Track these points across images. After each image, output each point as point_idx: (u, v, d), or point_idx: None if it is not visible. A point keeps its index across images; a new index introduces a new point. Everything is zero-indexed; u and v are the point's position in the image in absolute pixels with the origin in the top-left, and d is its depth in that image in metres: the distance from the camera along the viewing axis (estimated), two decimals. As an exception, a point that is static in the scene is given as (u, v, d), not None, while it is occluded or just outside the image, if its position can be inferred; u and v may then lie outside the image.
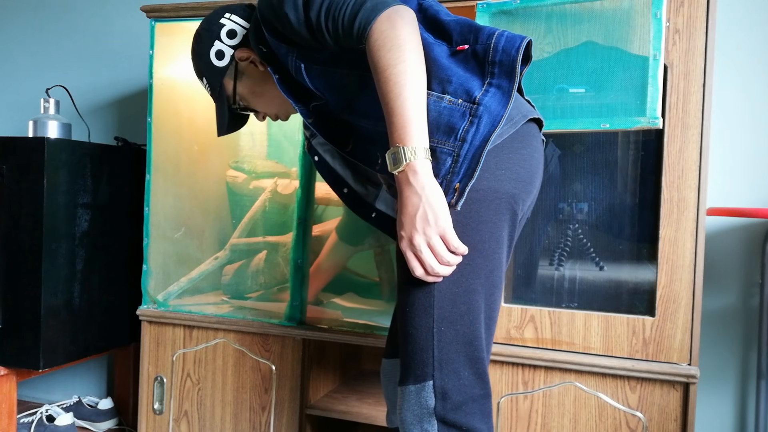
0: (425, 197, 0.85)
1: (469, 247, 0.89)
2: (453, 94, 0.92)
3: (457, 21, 0.99)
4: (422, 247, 0.86)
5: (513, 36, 0.95)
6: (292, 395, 1.60)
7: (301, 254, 1.59)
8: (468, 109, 0.91)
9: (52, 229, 1.71)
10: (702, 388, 1.72)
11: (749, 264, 1.70)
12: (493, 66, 0.94)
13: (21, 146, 1.70)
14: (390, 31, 0.89)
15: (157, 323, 1.72)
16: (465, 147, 0.90)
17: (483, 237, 0.91)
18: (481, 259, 0.91)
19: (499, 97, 0.92)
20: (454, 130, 0.91)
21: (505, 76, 0.93)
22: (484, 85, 0.93)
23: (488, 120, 0.90)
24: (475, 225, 0.90)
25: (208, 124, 1.93)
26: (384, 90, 0.88)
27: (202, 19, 1.68)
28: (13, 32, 2.45)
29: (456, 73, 0.94)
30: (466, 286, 0.90)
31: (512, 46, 0.94)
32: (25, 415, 2.01)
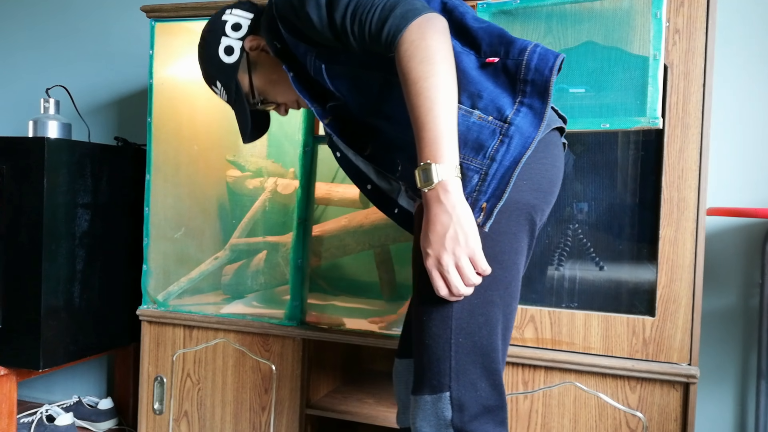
0: (456, 217, 0.83)
1: (488, 258, 0.87)
2: (483, 110, 0.90)
3: (486, 30, 0.96)
4: (450, 268, 0.84)
5: (546, 53, 0.92)
6: (292, 395, 1.60)
7: (301, 254, 1.58)
8: (498, 127, 0.89)
9: (52, 229, 1.71)
10: (702, 388, 1.72)
11: (749, 264, 1.70)
12: (524, 84, 0.91)
13: (21, 146, 1.70)
14: (421, 42, 0.85)
15: (157, 323, 1.72)
16: (494, 166, 0.88)
17: (503, 248, 0.90)
18: (501, 271, 0.90)
19: (531, 117, 0.90)
20: (483, 148, 0.89)
21: (537, 95, 0.90)
22: (516, 103, 0.91)
23: (519, 141, 0.88)
24: (495, 236, 0.89)
25: (208, 124, 1.93)
26: (415, 103, 0.85)
27: (202, 19, 1.69)
28: (13, 32, 2.45)
29: (486, 87, 0.91)
30: (484, 298, 0.89)
31: (545, 65, 0.91)
32: (25, 415, 2.01)
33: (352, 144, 1.07)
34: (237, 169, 1.94)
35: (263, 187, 1.86)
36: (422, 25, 0.87)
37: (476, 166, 0.88)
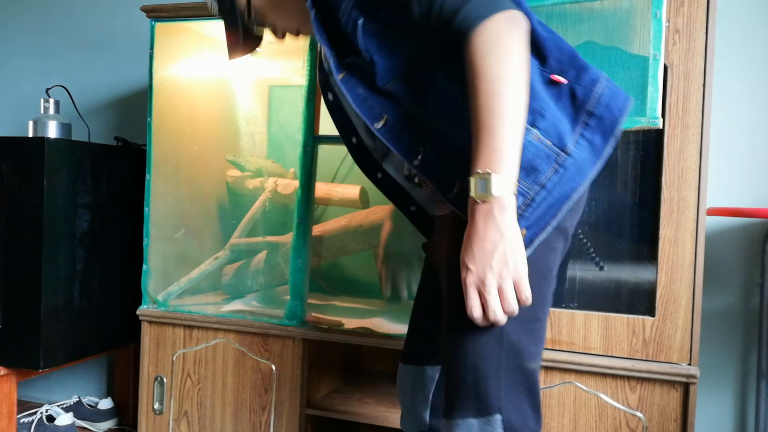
0: (507, 237, 0.77)
1: (536, 272, 0.82)
2: (543, 132, 0.83)
3: (555, 43, 0.90)
4: (492, 289, 0.78)
5: (617, 91, 0.87)
6: (292, 395, 1.60)
7: (301, 254, 1.58)
8: (555, 155, 0.83)
9: (52, 229, 1.71)
10: (702, 388, 1.72)
11: (749, 264, 1.70)
12: (590, 117, 0.85)
13: (21, 146, 1.70)
14: (507, 37, 0.78)
15: (157, 323, 1.72)
16: (542, 194, 0.82)
17: (549, 264, 0.87)
18: (547, 287, 0.87)
19: (589, 153, 0.85)
20: (534, 171, 0.83)
21: (600, 132, 0.85)
22: (576, 134, 0.85)
23: (574, 176, 0.83)
24: (544, 251, 0.86)
25: (208, 124, 1.93)
26: (485, 103, 0.77)
27: (202, 20, 1.69)
28: (13, 32, 2.45)
29: (549, 108, 0.85)
30: (534, 314, 0.84)
31: (616, 104, 0.86)
32: (25, 415, 2.01)
33: (363, 109, 0.93)
34: (237, 169, 1.94)
35: (263, 187, 1.86)
36: (509, 19, 0.79)
37: (523, 188, 0.82)
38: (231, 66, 1.96)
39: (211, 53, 1.91)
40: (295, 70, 1.94)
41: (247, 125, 1.96)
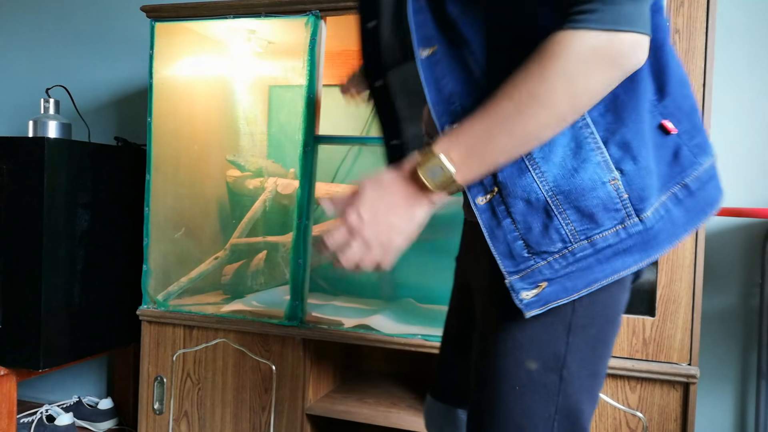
0: (411, 222, 0.72)
1: (604, 317, 0.73)
2: (627, 180, 0.68)
3: (680, 80, 0.74)
4: (360, 244, 0.73)
5: (716, 176, 0.75)
6: (292, 395, 1.60)
7: (301, 254, 1.58)
8: (626, 215, 0.68)
9: (52, 229, 1.71)
10: (702, 388, 1.72)
11: (749, 264, 1.70)
12: (683, 188, 0.71)
13: (21, 146, 1.70)
14: (601, 61, 0.62)
15: (157, 323, 1.72)
16: (586, 251, 0.69)
17: (619, 308, 0.76)
18: (613, 336, 0.76)
19: (664, 229, 0.70)
20: (591, 221, 0.68)
21: (685, 211, 0.71)
22: (659, 201, 0.70)
23: (634, 249, 0.69)
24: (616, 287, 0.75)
25: (208, 124, 1.93)
26: (500, 101, 0.65)
27: (202, 20, 1.69)
28: (13, 32, 2.45)
29: (648, 154, 0.69)
30: (593, 369, 0.73)
31: (713, 191, 0.74)
32: (25, 415, 2.01)
33: (416, 21, 0.74)
34: (237, 169, 1.94)
35: (263, 187, 1.86)
36: (626, 44, 0.62)
37: (567, 232, 0.69)
38: (231, 66, 1.96)
39: (211, 53, 1.91)
40: (295, 70, 1.94)
41: (247, 125, 1.96)
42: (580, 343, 0.71)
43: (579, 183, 0.68)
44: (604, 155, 0.68)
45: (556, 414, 0.71)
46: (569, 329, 0.71)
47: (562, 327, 0.71)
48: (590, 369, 0.73)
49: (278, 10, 1.59)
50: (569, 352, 0.71)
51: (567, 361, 0.71)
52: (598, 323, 0.72)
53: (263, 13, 1.61)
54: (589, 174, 0.68)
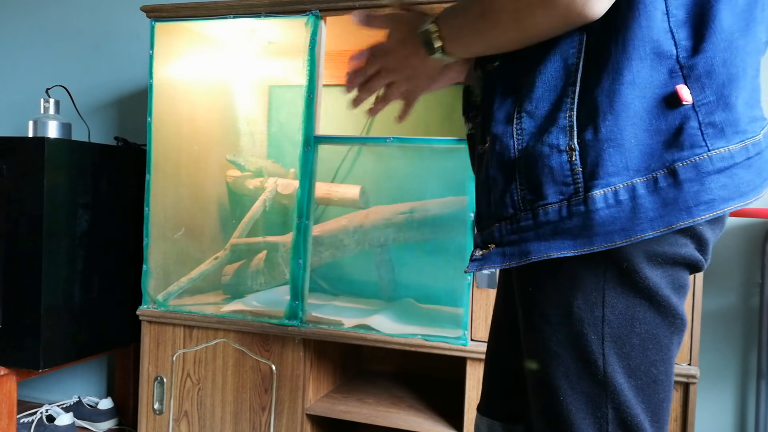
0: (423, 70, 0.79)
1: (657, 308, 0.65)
2: (586, 148, 0.61)
3: (728, 42, 0.60)
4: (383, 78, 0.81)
5: (735, 184, 0.60)
6: (292, 395, 1.60)
7: (301, 254, 1.59)
8: (574, 192, 0.62)
9: (52, 229, 1.71)
10: (702, 388, 1.72)
11: (749, 264, 1.70)
12: (668, 175, 0.59)
13: (21, 146, 1.70)
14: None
15: (157, 323, 1.72)
16: (528, 221, 0.65)
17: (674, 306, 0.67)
18: (667, 337, 0.67)
19: (615, 213, 0.61)
20: (535, 190, 0.64)
21: (658, 200, 0.59)
22: (630, 182, 0.60)
23: (575, 236, 0.63)
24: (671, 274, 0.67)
25: (208, 124, 1.93)
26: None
27: (202, 19, 1.69)
28: (13, 32, 2.45)
29: (614, 125, 0.60)
30: (648, 378, 0.66)
31: (716, 198, 0.59)
32: (25, 415, 2.01)
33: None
34: (237, 169, 1.94)
35: (263, 187, 1.86)
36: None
37: (518, 199, 0.66)
38: (231, 66, 1.96)
39: (211, 53, 1.91)
40: (295, 70, 1.94)
41: (247, 125, 1.96)
42: (622, 354, 0.65)
43: (540, 148, 0.63)
44: (571, 118, 0.62)
45: (609, 426, 0.66)
46: (603, 339, 0.66)
47: (595, 337, 0.66)
48: (644, 378, 0.66)
49: (278, 10, 1.59)
50: (608, 364, 0.65)
51: (608, 374, 0.65)
52: (642, 332, 0.65)
53: (263, 13, 1.61)
54: (551, 138, 0.62)
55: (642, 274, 0.63)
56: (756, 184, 0.60)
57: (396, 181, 1.81)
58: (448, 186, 1.65)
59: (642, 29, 0.60)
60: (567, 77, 0.63)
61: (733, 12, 0.60)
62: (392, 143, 1.55)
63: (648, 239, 0.60)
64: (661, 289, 0.64)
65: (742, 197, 0.59)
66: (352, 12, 1.53)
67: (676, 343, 0.68)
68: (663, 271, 0.63)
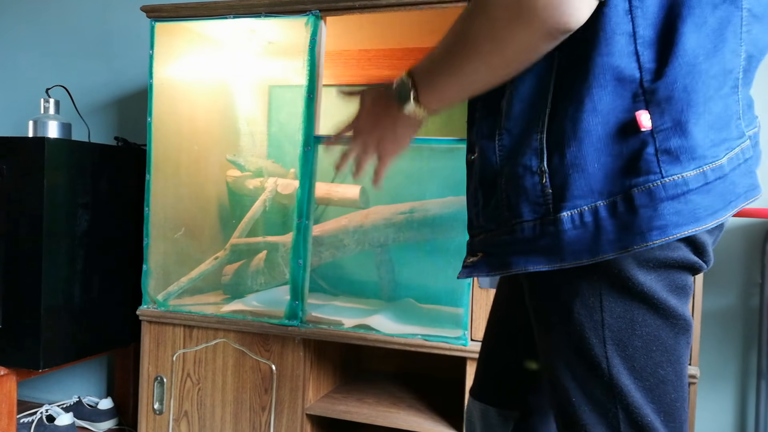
0: (395, 131, 0.80)
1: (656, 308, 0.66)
2: (551, 175, 0.64)
3: (692, 66, 0.60)
4: (359, 147, 0.84)
5: (686, 210, 0.60)
6: (292, 395, 1.60)
7: (301, 254, 1.59)
8: (546, 212, 0.65)
9: (52, 229, 1.71)
10: (702, 388, 1.72)
11: (749, 264, 1.70)
12: (625, 200, 0.61)
13: (21, 146, 1.70)
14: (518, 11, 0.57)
15: (157, 323, 1.72)
16: (505, 236, 0.69)
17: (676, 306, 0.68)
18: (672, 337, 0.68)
19: (579, 235, 0.64)
20: (515, 207, 0.68)
21: (616, 224, 0.62)
22: (593, 205, 0.62)
23: (547, 253, 0.67)
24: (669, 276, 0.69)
25: (208, 124, 1.93)
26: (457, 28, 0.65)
27: (202, 19, 1.69)
28: (13, 32, 2.45)
29: (577, 150, 0.62)
30: (655, 379, 0.67)
31: (670, 223, 0.60)
32: (25, 415, 2.01)
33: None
34: (237, 169, 1.94)
35: (263, 187, 1.86)
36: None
37: (498, 214, 0.69)
38: (231, 66, 1.96)
39: (211, 53, 1.91)
40: (295, 70, 1.94)
41: (247, 125, 1.96)
42: (625, 356, 0.66)
43: (515, 168, 0.66)
44: (542, 141, 0.64)
45: (621, 426, 0.67)
46: (605, 342, 0.66)
47: (597, 341, 0.67)
48: (651, 379, 0.66)
49: (278, 10, 1.59)
50: (612, 366, 0.66)
51: (614, 375, 0.66)
52: (643, 334, 0.66)
53: (263, 13, 1.61)
54: (525, 160, 0.65)
55: (635, 279, 0.64)
56: (716, 208, 0.61)
57: (396, 181, 1.81)
58: (448, 186, 1.65)
59: (602, 57, 0.60)
60: (540, 98, 0.65)
61: (699, 34, 0.60)
62: (392, 143, 1.54)
63: None
64: (656, 293, 0.65)
65: (696, 222, 0.60)
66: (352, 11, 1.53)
67: (683, 344, 0.68)
68: (657, 275, 0.64)
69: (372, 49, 1.88)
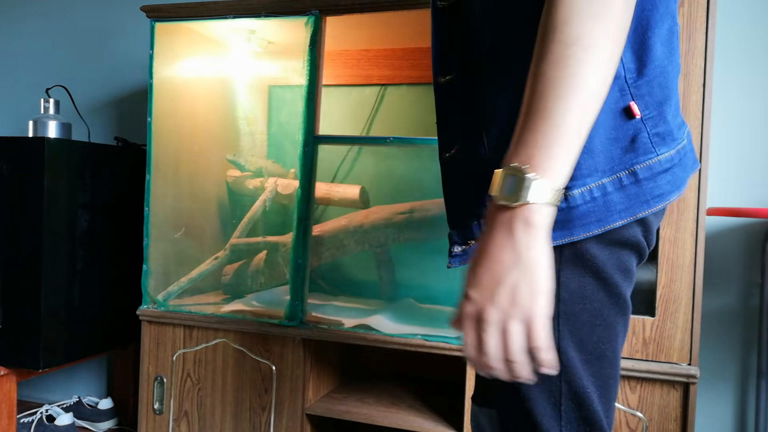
0: (526, 264, 0.58)
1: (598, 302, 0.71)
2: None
3: (667, 54, 0.72)
4: (491, 329, 0.59)
5: (676, 180, 0.72)
6: (292, 395, 1.60)
7: (301, 254, 1.59)
8: None
9: (52, 229, 1.71)
10: (702, 388, 1.72)
11: (749, 264, 1.70)
12: (630, 175, 0.69)
13: (21, 146, 1.70)
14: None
15: (157, 323, 1.72)
16: None
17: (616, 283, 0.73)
18: (613, 316, 0.73)
19: (591, 208, 0.69)
20: None
21: (623, 195, 0.69)
22: (600, 182, 0.69)
23: (557, 228, 0.69)
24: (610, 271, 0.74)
25: (208, 124, 1.93)
26: (548, 72, 0.58)
27: (202, 20, 1.69)
28: (13, 32, 2.45)
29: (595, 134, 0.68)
30: (597, 352, 0.72)
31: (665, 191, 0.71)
32: (25, 415, 2.01)
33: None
34: (237, 169, 1.94)
35: (263, 187, 1.86)
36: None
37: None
38: (231, 66, 1.96)
39: (211, 53, 1.91)
40: (295, 70, 1.94)
41: (247, 125, 1.96)
42: (573, 329, 0.71)
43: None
44: None
45: (562, 398, 0.71)
46: (558, 316, 0.70)
47: (551, 315, 0.67)
48: (593, 353, 0.71)
49: (278, 10, 1.59)
50: (562, 339, 0.70)
51: (562, 348, 0.70)
52: (591, 309, 0.71)
53: (263, 13, 1.61)
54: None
55: (592, 253, 0.70)
56: (685, 177, 0.74)
57: (396, 181, 1.81)
58: (448, 186, 1.65)
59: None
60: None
61: (661, 42, 0.71)
62: (392, 143, 1.55)
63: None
64: (608, 269, 0.71)
65: (678, 189, 0.72)
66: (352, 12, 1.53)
67: (621, 325, 0.74)
68: (611, 252, 0.71)
69: (372, 49, 1.88)
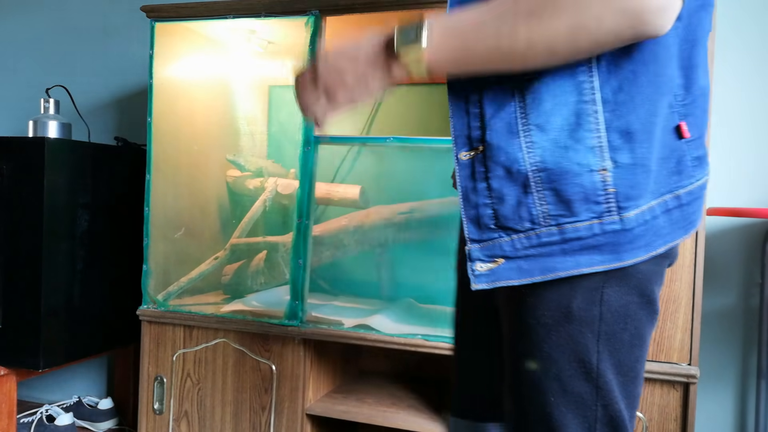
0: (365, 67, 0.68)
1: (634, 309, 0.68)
2: (618, 172, 0.64)
3: (703, 89, 0.70)
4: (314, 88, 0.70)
5: (701, 207, 0.71)
6: (292, 395, 1.60)
7: (301, 254, 1.59)
8: (606, 211, 0.64)
9: (52, 229, 1.71)
10: (702, 388, 1.72)
11: (749, 264, 1.70)
12: (675, 199, 0.66)
13: (21, 146, 1.70)
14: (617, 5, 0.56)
15: (157, 323, 1.72)
16: (552, 237, 0.65)
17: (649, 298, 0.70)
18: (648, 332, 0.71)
19: (643, 231, 0.65)
20: (566, 206, 0.64)
21: (668, 220, 0.66)
22: (650, 204, 0.65)
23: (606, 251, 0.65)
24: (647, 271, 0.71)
25: (208, 124, 1.93)
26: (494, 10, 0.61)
27: (202, 20, 1.69)
28: (13, 32, 2.45)
29: (648, 152, 0.64)
30: (632, 374, 0.69)
31: (696, 218, 0.69)
32: (25, 415, 2.01)
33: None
34: (237, 169, 1.94)
35: (263, 187, 1.86)
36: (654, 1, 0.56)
37: (539, 213, 0.65)
38: (231, 66, 1.96)
39: (211, 53, 1.91)
40: (295, 70, 1.93)
41: (247, 125, 1.96)
42: (613, 350, 0.67)
43: (565, 165, 0.63)
44: (601, 140, 0.63)
45: (597, 423, 0.67)
46: (598, 337, 0.66)
47: (591, 335, 0.66)
48: (629, 375, 0.68)
49: (278, 10, 1.59)
50: (601, 360, 0.66)
51: (601, 371, 0.66)
52: (631, 327, 0.67)
53: (263, 13, 1.61)
54: (579, 157, 0.63)
55: (641, 269, 0.67)
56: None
57: (396, 181, 1.81)
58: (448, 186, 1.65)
59: (665, 68, 0.65)
60: (580, 94, 0.63)
61: (704, 72, 0.69)
62: (392, 143, 1.55)
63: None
64: (651, 284, 0.68)
65: (703, 212, 0.74)
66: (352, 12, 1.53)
67: (650, 337, 0.72)
68: (654, 267, 0.68)
69: (372, 49, 1.88)
